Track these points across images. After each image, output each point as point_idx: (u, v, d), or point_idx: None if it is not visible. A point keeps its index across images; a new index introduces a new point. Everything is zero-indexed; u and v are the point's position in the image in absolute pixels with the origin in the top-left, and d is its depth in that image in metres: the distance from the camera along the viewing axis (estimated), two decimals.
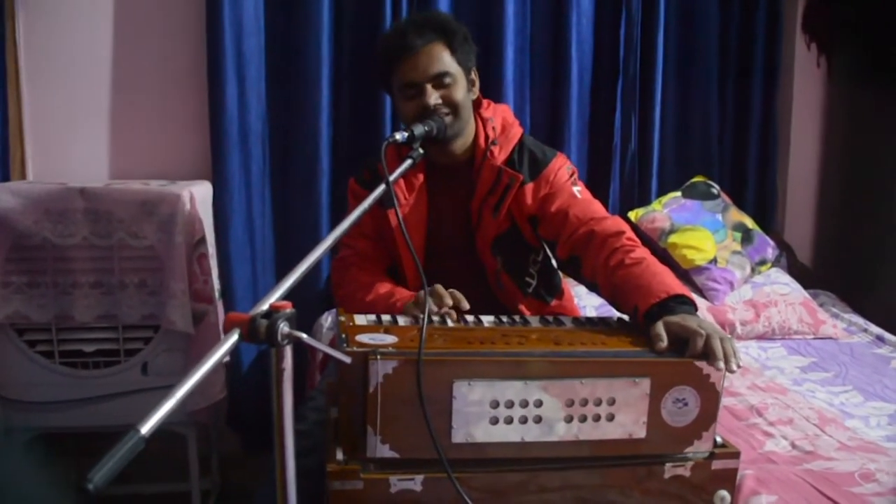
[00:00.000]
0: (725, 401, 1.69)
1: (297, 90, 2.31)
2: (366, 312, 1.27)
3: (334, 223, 2.33)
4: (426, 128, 1.32)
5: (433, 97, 1.40)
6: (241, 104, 2.26)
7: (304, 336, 0.76)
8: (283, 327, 0.75)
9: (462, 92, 1.44)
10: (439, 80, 1.41)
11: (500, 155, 1.48)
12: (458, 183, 1.50)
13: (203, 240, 1.98)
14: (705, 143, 2.61)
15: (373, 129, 2.33)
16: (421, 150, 1.28)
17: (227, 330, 0.73)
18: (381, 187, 1.15)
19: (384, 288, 1.43)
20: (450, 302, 1.24)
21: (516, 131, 1.53)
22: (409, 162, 1.25)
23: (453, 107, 1.42)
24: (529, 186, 1.46)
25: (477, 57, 1.50)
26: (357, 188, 1.56)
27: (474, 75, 1.51)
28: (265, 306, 0.78)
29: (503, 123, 1.52)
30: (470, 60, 1.47)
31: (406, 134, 1.27)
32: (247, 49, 2.24)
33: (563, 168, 1.49)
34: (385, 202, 1.29)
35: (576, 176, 1.51)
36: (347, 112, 2.35)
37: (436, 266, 1.48)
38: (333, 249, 1.19)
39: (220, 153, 2.25)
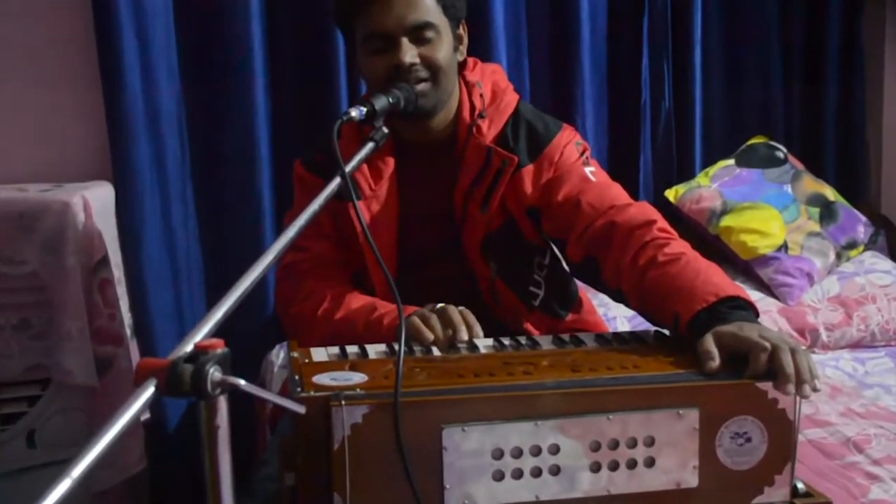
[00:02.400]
0: (810, 433, 1.71)
1: (220, 52, 2.32)
2: (335, 335, 1.29)
3: (281, 228, 2.36)
4: (391, 99, 1.35)
5: (409, 54, 1.42)
6: (145, 76, 2.26)
7: (242, 382, 0.78)
8: (214, 373, 0.77)
9: (446, 51, 1.46)
10: (419, 33, 1.43)
11: (489, 131, 1.51)
12: (438, 168, 1.53)
13: (105, 260, 1.99)
14: (765, 91, 2.64)
15: (324, 99, 2.35)
16: (385, 130, 1.31)
17: (140, 381, 0.76)
18: (336, 180, 1.18)
19: (359, 300, 1.44)
20: (442, 335, 1.25)
21: (510, 99, 1.55)
22: (370, 146, 1.28)
23: (434, 70, 1.44)
24: (528, 170, 1.49)
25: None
26: (305, 173, 1.58)
27: (462, 30, 1.53)
28: (189, 347, 0.81)
29: (494, 89, 1.55)
30: (459, 10, 1.50)
31: (364, 109, 1.29)
32: (149, 2, 2.24)
33: (570, 144, 1.52)
34: (344, 195, 1.32)
35: (588, 154, 1.54)
36: (289, 77, 2.37)
37: (412, 275, 1.51)
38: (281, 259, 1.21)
39: (121, 144, 2.25)
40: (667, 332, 1.30)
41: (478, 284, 1.55)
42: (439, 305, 1.32)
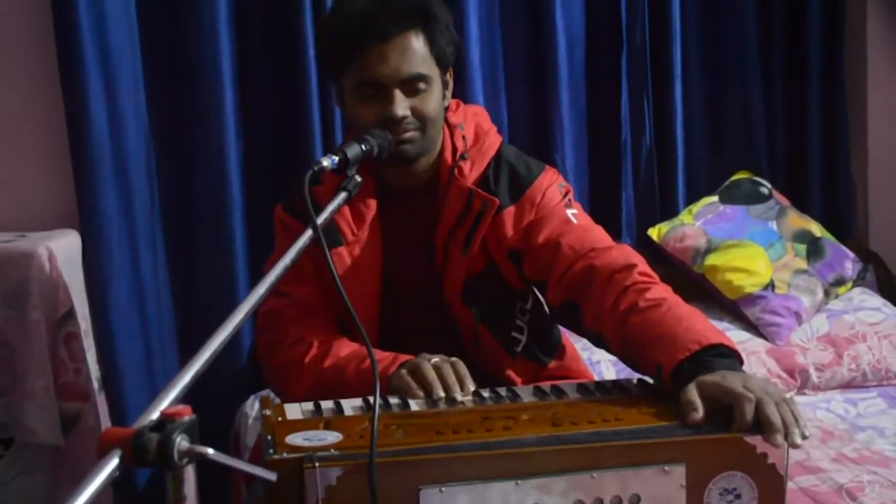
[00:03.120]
0: (801, 480, 1.71)
1: (190, 95, 2.34)
2: (323, 383, 1.29)
3: (254, 276, 2.37)
4: (364, 147, 1.36)
5: (401, 107, 1.44)
6: (112, 119, 2.27)
7: (210, 451, 0.78)
8: (181, 442, 0.77)
9: (436, 102, 1.50)
10: (412, 85, 1.46)
11: (471, 173, 1.54)
12: (421, 210, 1.56)
13: (71, 313, 1.99)
14: (748, 125, 2.68)
15: (297, 142, 2.37)
16: (358, 179, 1.32)
17: (103, 452, 0.75)
18: (308, 232, 1.19)
19: (347, 347, 1.45)
20: (439, 391, 1.26)
21: (493, 141, 1.59)
22: (342, 196, 1.29)
23: (423, 121, 1.48)
24: (509, 212, 1.52)
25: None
26: (287, 217, 1.60)
27: (449, 76, 1.57)
28: (155, 414, 0.81)
29: (476, 131, 1.59)
30: (450, 56, 1.53)
31: (336, 158, 1.30)
32: (114, 43, 2.25)
33: (553, 186, 1.55)
34: (320, 244, 1.33)
35: (570, 196, 1.57)
36: (262, 122, 2.39)
37: (393, 321, 1.52)
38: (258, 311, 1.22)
39: (87, 190, 2.25)
40: (650, 379, 1.31)
41: (459, 331, 1.56)
42: (434, 360, 1.32)
